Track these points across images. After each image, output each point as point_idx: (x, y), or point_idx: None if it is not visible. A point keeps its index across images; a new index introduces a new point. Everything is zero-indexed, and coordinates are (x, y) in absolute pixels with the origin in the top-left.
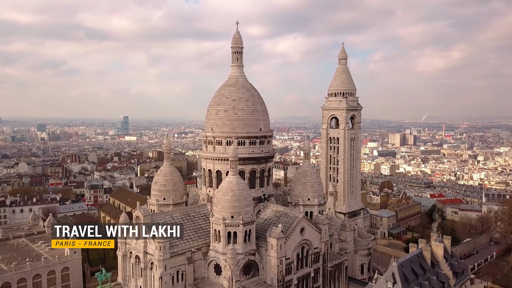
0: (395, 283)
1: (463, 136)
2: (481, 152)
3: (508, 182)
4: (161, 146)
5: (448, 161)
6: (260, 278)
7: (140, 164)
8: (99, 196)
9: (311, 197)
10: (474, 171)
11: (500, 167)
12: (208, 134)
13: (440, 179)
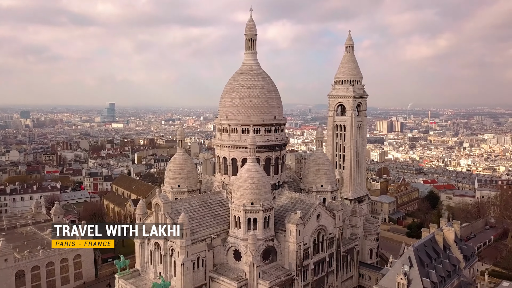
0: (411, 267)
1: (448, 123)
2: (466, 139)
3: (495, 168)
4: (149, 133)
5: (435, 148)
6: (278, 263)
7: (138, 152)
8: (99, 183)
9: (324, 184)
10: (461, 157)
11: (485, 153)
12: (223, 122)
13: (429, 165)
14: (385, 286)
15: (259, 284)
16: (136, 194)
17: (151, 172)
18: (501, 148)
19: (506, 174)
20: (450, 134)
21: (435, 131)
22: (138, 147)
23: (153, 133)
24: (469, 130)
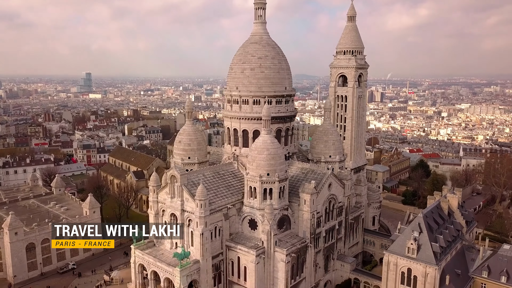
0: (421, 232)
1: (426, 93)
2: (444, 108)
3: (473, 137)
4: (129, 104)
5: (415, 117)
6: (292, 231)
7: (128, 123)
8: (92, 156)
9: (332, 154)
10: (441, 126)
11: (463, 122)
12: (233, 93)
13: (410, 134)
14: (395, 251)
15: (276, 252)
16: (136, 166)
17: (144, 144)
18: (478, 117)
19: (485, 143)
20: (428, 104)
21: (414, 101)
22: (124, 118)
23: (134, 104)
24: (447, 100)
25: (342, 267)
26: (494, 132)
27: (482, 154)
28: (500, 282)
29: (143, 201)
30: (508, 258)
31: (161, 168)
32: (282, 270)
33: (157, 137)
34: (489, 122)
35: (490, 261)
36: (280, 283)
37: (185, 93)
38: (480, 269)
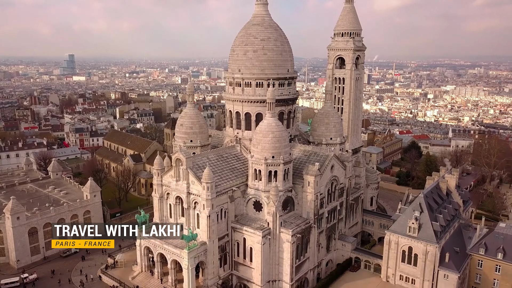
0: (422, 212)
1: (411, 75)
2: (430, 90)
3: (459, 118)
4: (115, 87)
5: (402, 99)
6: (295, 212)
7: (119, 106)
8: (85, 139)
9: (333, 136)
10: (428, 108)
11: (449, 104)
12: (236, 76)
13: (398, 116)
14: (396, 230)
15: (281, 233)
16: (133, 150)
17: (137, 127)
18: (463, 99)
19: (472, 124)
20: (414, 85)
21: (400, 83)
22: (114, 101)
23: (120, 87)
24: (432, 82)
25: (343, 246)
26: (479, 114)
27: (471, 135)
28: (496, 258)
29: (141, 185)
30: (504, 235)
31: (159, 151)
32: (288, 250)
33: (149, 120)
34: (474, 103)
35: (487, 238)
36: (286, 263)
37: (171, 75)
38: (478, 246)
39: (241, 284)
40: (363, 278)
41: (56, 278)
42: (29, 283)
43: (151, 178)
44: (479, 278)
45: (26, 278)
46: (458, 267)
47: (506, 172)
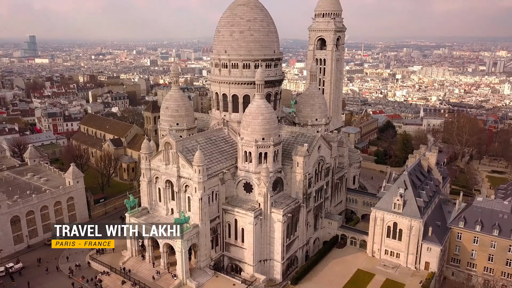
0: (406, 189)
1: (379, 56)
2: (398, 70)
3: (427, 98)
4: (80, 69)
5: (372, 80)
6: (285, 192)
7: (91, 90)
8: (59, 124)
9: (318, 117)
10: (397, 88)
11: (417, 84)
12: (222, 57)
13: (369, 96)
14: (382, 207)
15: (272, 213)
16: (112, 134)
17: (112, 111)
18: (430, 79)
19: (440, 103)
20: (383, 66)
21: (369, 64)
22: (84, 84)
23: (86, 69)
24: (399, 62)
25: (330, 224)
26: (445, 93)
27: (441, 114)
28: (475, 231)
29: (123, 169)
30: (482, 209)
31: (140, 135)
32: (279, 229)
33: (124, 104)
34: (440, 83)
35: (466, 212)
36: (277, 242)
37: (139, 57)
38: (457, 220)
39: (232, 264)
40: (350, 254)
41: (43, 266)
42: (14, 272)
43: (133, 162)
44: (458, 249)
45: (12, 267)
46: (440, 240)
47: (475, 149)
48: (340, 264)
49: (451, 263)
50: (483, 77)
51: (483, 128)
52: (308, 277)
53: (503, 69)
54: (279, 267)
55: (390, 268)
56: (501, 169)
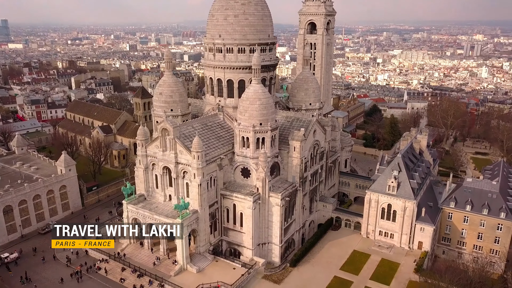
0: (400, 171)
1: (360, 40)
2: (379, 54)
3: (408, 81)
4: (57, 55)
5: (353, 64)
6: (281, 177)
7: (74, 76)
8: (42, 111)
9: (312, 102)
10: (378, 72)
11: (398, 68)
12: (216, 42)
13: (352, 80)
14: (377, 189)
15: (271, 197)
16: (101, 121)
17: (97, 98)
18: (410, 63)
19: (421, 87)
20: (363, 50)
21: (350, 48)
22: (64, 70)
23: (63, 55)
24: (380, 47)
25: (324, 207)
26: (425, 77)
27: (424, 98)
28: (465, 210)
29: (114, 157)
30: (472, 189)
31: (129, 122)
32: (277, 213)
33: (108, 90)
34: (420, 67)
35: (456, 193)
36: (275, 226)
37: (118, 42)
38: (448, 200)
39: (231, 248)
40: (345, 235)
41: (39, 256)
42: (10, 262)
43: (124, 149)
44: (449, 229)
45: (7, 257)
46: (433, 220)
47: (459, 131)
48: (336, 246)
49: (442, 242)
50: (461, 61)
51: (467, 111)
52: (306, 259)
53: (480, 53)
54: (277, 250)
55: (384, 248)
56: (484, 151)
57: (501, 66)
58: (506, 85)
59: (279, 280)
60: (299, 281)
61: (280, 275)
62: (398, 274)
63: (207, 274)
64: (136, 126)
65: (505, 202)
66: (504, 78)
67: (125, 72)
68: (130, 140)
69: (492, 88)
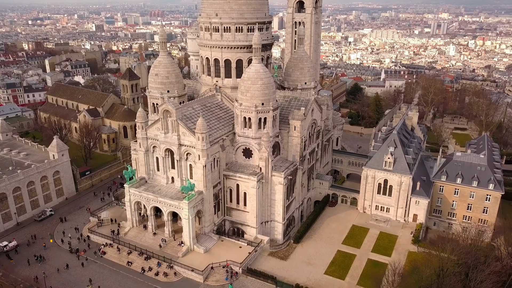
0: (396, 147)
1: (330, 19)
2: (350, 33)
3: (381, 60)
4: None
5: (326, 43)
6: (281, 156)
7: (48, 58)
8: (19, 95)
9: (308, 81)
10: (351, 51)
11: (369, 47)
12: (213, 21)
13: (326, 60)
14: (373, 166)
15: (273, 176)
16: (86, 104)
17: (75, 80)
18: (381, 41)
19: (394, 65)
20: (334, 29)
21: (321, 27)
22: (33, 52)
23: (25, 35)
24: (350, 26)
25: (321, 185)
26: (397, 55)
27: (401, 76)
28: (456, 183)
29: (103, 140)
30: (461, 163)
31: (117, 105)
32: (280, 191)
33: (85, 72)
34: (390, 45)
35: (447, 167)
36: (278, 204)
37: (82, 22)
38: (440, 174)
39: (234, 228)
40: (342, 211)
41: (38, 243)
42: (10, 250)
43: (113, 133)
44: (440, 201)
45: (6, 246)
46: (427, 193)
47: (437, 108)
48: (335, 221)
49: (433, 214)
50: (429, 39)
51: (446, 88)
52: (308, 235)
53: (446, 31)
54: (280, 227)
55: (381, 222)
56: (463, 126)
57: (467, 44)
58: (473, 62)
59: (285, 257)
60: (305, 257)
61: (286, 251)
62: (398, 246)
63: (215, 253)
64: (124, 109)
65: (493, 174)
66: (471, 56)
67: (101, 54)
68: (120, 123)
69: (460, 65)
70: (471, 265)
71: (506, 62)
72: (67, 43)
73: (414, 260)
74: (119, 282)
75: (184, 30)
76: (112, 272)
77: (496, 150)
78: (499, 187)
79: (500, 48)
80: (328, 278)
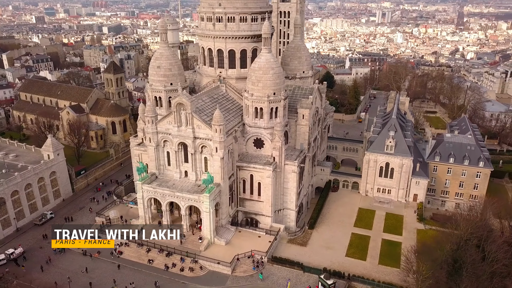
0: (396, 131)
1: None
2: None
3: (336, 48)
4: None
5: None
6: (289, 145)
7: (5, 53)
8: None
9: (305, 70)
10: (306, 40)
11: (322, 36)
12: (217, 10)
13: None
14: (375, 150)
15: (286, 165)
16: (67, 100)
17: (41, 76)
18: (332, 30)
19: (352, 53)
20: None
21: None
22: None
23: None
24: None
25: (322, 171)
26: (349, 44)
27: (365, 63)
28: (449, 163)
29: (91, 138)
30: (452, 143)
31: (102, 100)
32: (293, 180)
33: (48, 67)
34: (341, 34)
35: (440, 148)
36: (291, 192)
37: (18, 14)
38: (433, 155)
39: (247, 218)
40: (346, 196)
41: (46, 248)
42: (17, 257)
43: (101, 129)
44: (434, 180)
45: (12, 253)
46: (426, 173)
47: (407, 92)
48: (342, 206)
49: (427, 193)
50: (376, 28)
51: (416, 73)
52: (319, 221)
53: (391, 20)
54: (293, 215)
55: (385, 204)
56: (432, 109)
57: (411, 32)
58: (420, 49)
59: (304, 243)
60: (322, 241)
61: (303, 237)
62: (405, 225)
63: (235, 244)
64: (111, 104)
65: (481, 153)
66: (417, 43)
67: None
68: (108, 119)
69: (410, 52)
70: (483, 237)
71: (449, 48)
72: (13, 37)
73: (424, 237)
74: (144, 280)
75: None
76: (134, 271)
77: (476, 130)
78: (488, 164)
79: (442, 35)
80: (350, 260)
